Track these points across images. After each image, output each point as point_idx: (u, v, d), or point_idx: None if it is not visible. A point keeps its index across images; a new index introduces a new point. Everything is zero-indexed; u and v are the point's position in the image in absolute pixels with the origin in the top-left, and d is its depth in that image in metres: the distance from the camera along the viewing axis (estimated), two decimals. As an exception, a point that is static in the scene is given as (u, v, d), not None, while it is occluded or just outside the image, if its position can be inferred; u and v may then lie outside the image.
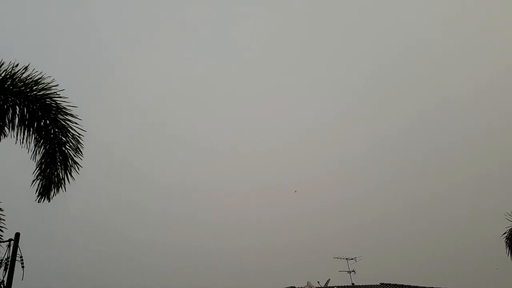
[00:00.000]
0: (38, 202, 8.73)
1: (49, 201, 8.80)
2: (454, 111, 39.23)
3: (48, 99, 8.67)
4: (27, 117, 8.70)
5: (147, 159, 40.06)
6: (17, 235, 8.13)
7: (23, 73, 8.57)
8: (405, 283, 23.37)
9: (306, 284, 21.89)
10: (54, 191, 8.83)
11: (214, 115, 44.61)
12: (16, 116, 8.68)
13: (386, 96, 41.60)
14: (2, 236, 8.17)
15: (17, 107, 8.63)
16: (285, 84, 45.49)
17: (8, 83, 8.47)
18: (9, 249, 8.00)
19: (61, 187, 8.90)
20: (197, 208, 38.13)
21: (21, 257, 7.98)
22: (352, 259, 26.19)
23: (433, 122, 39.90)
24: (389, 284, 23.94)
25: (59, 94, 8.72)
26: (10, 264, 7.81)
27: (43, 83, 8.59)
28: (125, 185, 38.75)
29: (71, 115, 8.87)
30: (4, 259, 7.87)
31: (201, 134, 43.77)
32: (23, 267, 7.93)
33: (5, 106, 8.54)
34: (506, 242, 15.25)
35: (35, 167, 8.90)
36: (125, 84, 42.58)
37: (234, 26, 45.03)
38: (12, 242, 8.03)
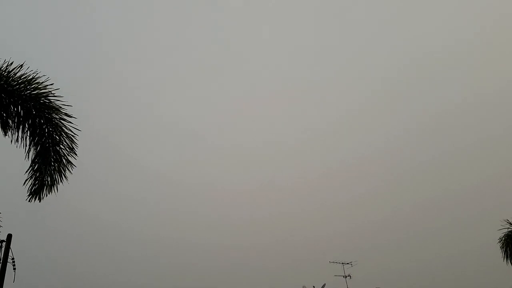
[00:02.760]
0: (29, 201, 8.55)
1: (40, 201, 8.60)
2: (456, 117, 39.41)
3: (42, 98, 8.53)
4: (22, 116, 8.55)
5: (146, 153, 39.81)
6: (9, 236, 7.96)
7: (18, 71, 8.43)
8: (401, 288, 23.25)
9: (301, 288, 21.73)
10: (46, 191, 8.65)
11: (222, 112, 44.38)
12: (10, 114, 8.53)
13: (392, 99, 41.73)
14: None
15: (11, 105, 8.49)
16: (288, 84, 45.47)
17: (2, 82, 8.33)
18: (1, 251, 7.83)
19: (54, 188, 8.73)
20: (192, 204, 37.98)
21: (12, 259, 7.81)
22: (348, 263, 26.06)
23: (433, 128, 40.08)
24: (385, 288, 23.80)
25: (53, 93, 8.58)
26: (1, 266, 7.63)
27: (37, 82, 8.45)
28: (122, 181, 38.53)
29: (66, 114, 8.73)
30: (-5, 260, 7.69)
31: (210, 131, 43.68)
32: (14, 269, 7.76)
33: (-1, 105, 8.39)
34: (501, 247, 15.41)
35: (28, 166, 8.74)
36: (127, 78, 42.45)
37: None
38: (4, 243, 7.86)
